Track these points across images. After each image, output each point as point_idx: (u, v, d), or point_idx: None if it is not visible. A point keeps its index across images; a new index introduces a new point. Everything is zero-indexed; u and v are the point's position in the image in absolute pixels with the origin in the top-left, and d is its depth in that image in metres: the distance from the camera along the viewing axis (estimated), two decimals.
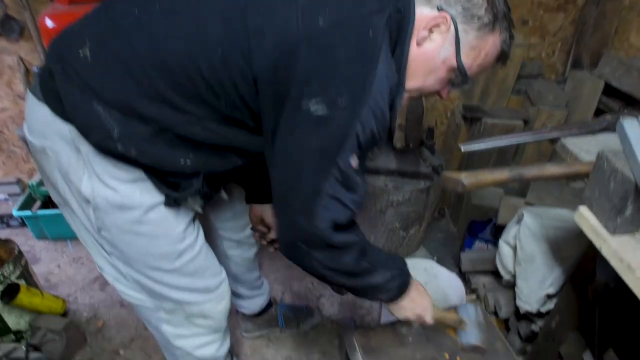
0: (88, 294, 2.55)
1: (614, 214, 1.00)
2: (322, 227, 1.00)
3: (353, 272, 1.12)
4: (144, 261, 1.21)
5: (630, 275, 0.95)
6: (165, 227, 1.18)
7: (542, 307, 1.81)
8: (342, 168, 0.96)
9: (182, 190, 1.14)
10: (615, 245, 1.00)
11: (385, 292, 1.25)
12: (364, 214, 2.59)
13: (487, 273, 2.33)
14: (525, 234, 1.80)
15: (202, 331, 1.42)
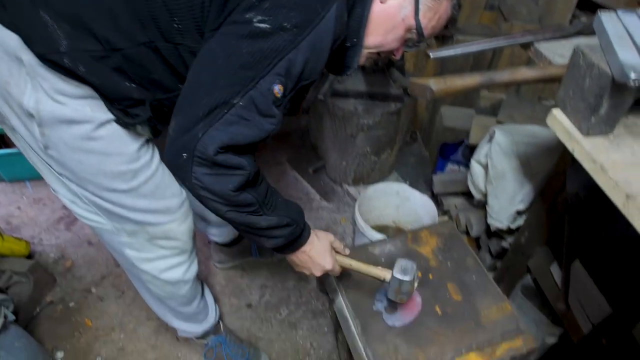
0: (53, 235, 2.48)
1: (588, 113, 0.96)
2: (215, 138, 0.94)
3: (231, 201, 1.03)
4: (98, 182, 1.15)
5: (602, 176, 0.93)
6: (118, 144, 1.12)
7: (512, 223, 1.82)
8: (262, 90, 0.93)
9: (131, 117, 1.09)
10: (589, 146, 0.97)
11: (269, 239, 1.18)
12: (335, 139, 2.54)
13: (459, 194, 2.34)
14: (496, 151, 1.78)
15: (168, 253, 1.39)
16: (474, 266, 1.56)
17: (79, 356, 1.98)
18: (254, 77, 0.92)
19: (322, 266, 1.30)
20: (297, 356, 2.00)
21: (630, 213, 0.87)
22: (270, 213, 1.12)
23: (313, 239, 1.28)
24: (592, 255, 1.48)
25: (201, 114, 0.94)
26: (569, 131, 1.02)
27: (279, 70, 0.93)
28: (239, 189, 1.02)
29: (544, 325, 1.75)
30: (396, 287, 1.31)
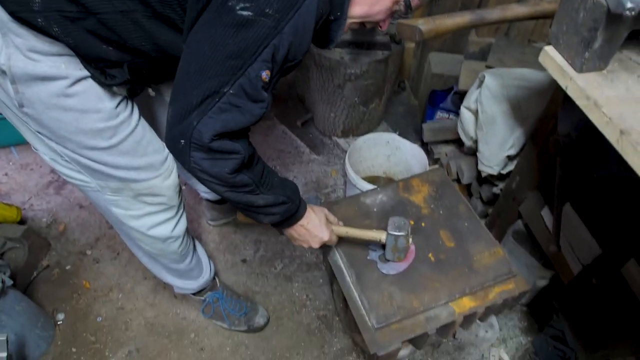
0: (44, 200, 2.45)
1: (582, 48, 0.94)
2: (208, 126, 0.96)
3: (228, 182, 1.07)
4: (77, 140, 1.14)
5: (596, 112, 0.92)
6: (94, 101, 1.10)
7: (503, 169, 1.82)
8: (250, 78, 0.94)
9: (108, 78, 1.08)
10: (582, 83, 0.96)
11: (266, 215, 1.22)
12: (322, 91, 2.49)
13: (449, 142, 2.33)
14: (486, 96, 1.76)
15: (154, 209, 1.39)
16: (466, 213, 1.57)
17: (80, 317, 2.00)
18: (241, 66, 0.93)
19: (320, 237, 1.34)
20: (294, 308, 2.04)
21: (624, 149, 0.86)
22: (267, 192, 1.15)
23: (309, 213, 1.32)
24: (582, 198, 1.49)
25: (194, 103, 0.95)
26: (562, 68, 1.00)
27: (265, 57, 0.93)
28: (235, 171, 1.05)
29: (535, 268, 1.79)
30: (392, 244, 1.35)
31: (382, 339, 1.30)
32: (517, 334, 1.95)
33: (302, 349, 1.91)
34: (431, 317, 1.34)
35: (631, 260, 1.20)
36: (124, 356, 1.89)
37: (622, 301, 1.21)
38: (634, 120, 0.88)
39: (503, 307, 1.44)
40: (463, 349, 1.90)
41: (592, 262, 1.40)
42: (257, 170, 1.12)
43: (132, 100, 1.24)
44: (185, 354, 1.89)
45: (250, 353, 1.90)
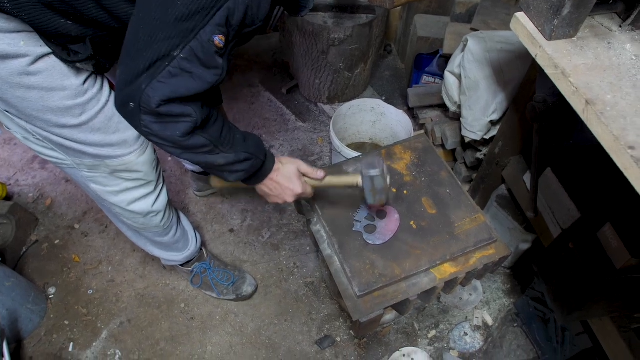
0: (29, 175, 2.44)
1: (551, 14, 0.92)
2: (158, 90, 0.91)
3: (182, 145, 1.03)
4: (46, 118, 1.12)
5: (564, 82, 0.91)
6: (59, 78, 1.08)
7: (486, 134, 1.82)
8: (202, 42, 0.89)
9: (71, 54, 1.05)
10: (551, 51, 0.94)
11: (231, 173, 1.17)
12: (306, 56, 2.45)
13: (435, 107, 2.32)
14: (469, 61, 1.73)
15: (132, 185, 1.39)
16: (448, 179, 1.58)
17: (71, 290, 2.03)
18: (192, 29, 0.88)
19: (292, 190, 1.27)
20: (281, 275, 2.07)
21: (589, 119, 0.86)
22: (227, 150, 1.10)
23: (278, 166, 1.26)
24: (562, 163, 1.50)
25: (142, 67, 0.90)
26: (533, 35, 0.98)
27: (218, 21, 0.88)
28: (187, 134, 1.00)
29: (518, 232, 1.81)
30: (370, 186, 1.30)
31: (365, 306, 1.32)
32: (500, 297, 2.00)
33: (290, 316, 1.95)
34: (412, 283, 1.36)
35: (607, 224, 1.21)
36: (116, 327, 1.92)
37: (597, 264, 1.23)
38: (600, 90, 0.88)
39: (484, 272, 1.46)
40: (447, 312, 1.94)
41: (571, 226, 1.41)
42: (214, 130, 1.06)
43: (102, 76, 1.21)
44: (176, 324, 1.93)
45: (240, 321, 1.94)
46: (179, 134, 0.99)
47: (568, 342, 1.63)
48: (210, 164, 1.11)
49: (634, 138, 0.84)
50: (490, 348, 1.87)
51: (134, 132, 1.29)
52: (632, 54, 1.00)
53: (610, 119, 0.85)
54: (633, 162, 0.81)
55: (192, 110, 0.97)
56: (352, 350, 1.86)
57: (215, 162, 1.10)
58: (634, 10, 0.99)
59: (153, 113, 0.94)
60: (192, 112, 0.97)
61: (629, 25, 1.04)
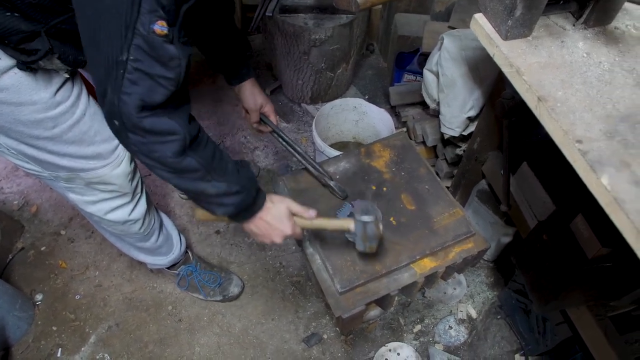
0: (14, 182, 2.44)
1: (505, 15, 0.95)
2: (128, 103, 0.85)
3: (174, 167, 0.97)
4: (18, 130, 1.11)
5: (518, 79, 0.94)
6: (28, 93, 1.06)
7: (464, 130, 1.84)
8: (143, 35, 0.81)
9: (31, 54, 1.01)
10: (506, 50, 0.97)
11: (219, 206, 1.10)
12: (288, 57, 2.47)
13: (416, 105, 2.34)
14: (445, 59, 1.76)
15: (108, 196, 1.39)
16: (427, 175, 1.60)
17: (58, 296, 2.03)
18: (127, 25, 0.79)
19: (282, 231, 1.21)
20: (268, 275, 2.09)
21: (541, 115, 0.90)
22: (219, 179, 1.04)
23: (268, 204, 1.20)
24: (537, 157, 1.53)
25: (102, 79, 0.86)
26: (490, 36, 1.01)
27: (148, 7, 0.79)
28: (179, 154, 0.95)
29: (499, 226, 1.84)
30: (362, 232, 1.24)
31: (347, 302, 1.34)
32: (484, 290, 2.03)
33: (276, 315, 1.97)
34: (393, 279, 1.38)
35: (579, 216, 1.24)
36: (104, 331, 1.93)
37: (570, 254, 1.26)
38: (552, 87, 0.91)
39: (464, 266, 1.49)
40: (432, 307, 1.97)
41: (547, 219, 1.44)
42: (206, 153, 1.01)
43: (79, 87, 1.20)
44: (164, 326, 1.94)
45: (227, 321, 1.95)
46: (169, 154, 0.94)
47: (549, 332, 1.67)
48: (200, 192, 1.05)
49: (581, 132, 0.88)
50: (475, 340, 1.90)
51: (109, 146, 1.28)
52: (583, 51, 1.04)
53: (560, 114, 0.89)
54: (580, 155, 0.84)
55: (177, 126, 0.92)
56: (338, 346, 1.88)
57: (206, 190, 1.04)
58: (586, 9, 1.03)
59: (138, 129, 0.89)
60: (177, 129, 0.92)
61: (581, 24, 1.08)
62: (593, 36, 1.08)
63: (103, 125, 1.24)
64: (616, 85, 0.97)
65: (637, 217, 0.76)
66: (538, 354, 1.79)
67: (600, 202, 0.83)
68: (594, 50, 1.05)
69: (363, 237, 1.24)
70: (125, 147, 0.97)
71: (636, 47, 1.07)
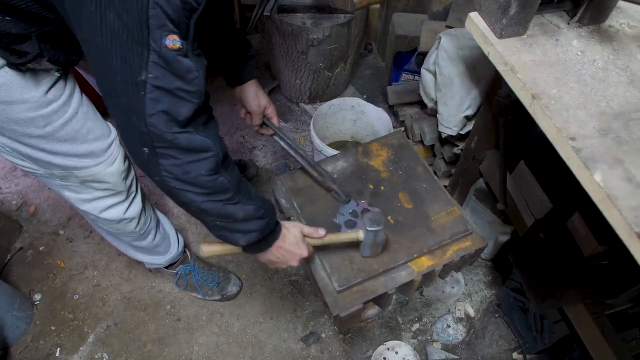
0: (12, 182, 2.44)
1: (500, 14, 0.96)
2: (156, 123, 0.85)
3: (208, 187, 0.96)
4: (11, 128, 1.12)
5: (512, 77, 0.95)
6: (19, 91, 1.06)
7: (462, 129, 1.85)
8: (158, 52, 0.80)
9: (20, 56, 1.01)
10: (501, 49, 0.98)
11: (244, 234, 1.10)
12: (286, 57, 2.48)
13: (414, 104, 2.35)
14: (442, 58, 1.77)
15: (102, 194, 1.40)
16: (424, 174, 1.60)
17: (57, 296, 2.03)
18: (141, 42, 0.79)
19: (299, 255, 1.24)
20: (266, 274, 2.09)
21: (535, 112, 0.90)
22: (246, 202, 1.05)
23: (284, 231, 1.22)
24: (534, 155, 1.53)
25: (125, 104, 0.85)
26: (485, 34, 1.02)
27: (156, 23, 0.78)
28: (214, 172, 0.95)
29: (497, 225, 1.85)
30: (372, 240, 1.30)
31: (344, 301, 1.35)
32: (481, 288, 2.03)
33: (275, 314, 1.97)
34: (391, 277, 1.39)
35: (575, 214, 1.25)
36: (103, 331, 1.93)
37: (567, 252, 1.27)
38: (546, 85, 0.92)
39: (461, 264, 1.49)
40: (430, 305, 1.97)
41: (544, 217, 1.45)
42: (234, 174, 1.02)
43: (71, 86, 1.20)
44: (163, 325, 1.95)
45: (226, 320, 1.96)
46: (204, 172, 0.93)
47: (546, 330, 1.67)
48: (229, 216, 1.04)
49: (575, 130, 0.88)
50: (473, 339, 1.90)
51: (102, 144, 1.28)
52: (577, 49, 1.04)
53: (554, 112, 0.90)
54: (574, 152, 0.85)
55: (211, 143, 0.93)
56: (337, 345, 1.88)
57: (235, 214, 1.04)
58: (580, 7, 1.04)
59: (172, 148, 0.89)
60: (211, 146, 0.93)
61: (575, 22, 1.09)
62: (587, 34, 1.09)
63: (96, 123, 1.26)
64: (610, 83, 0.98)
65: (629, 214, 0.76)
66: (536, 352, 1.80)
67: (593, 198, 0.84)
68: (588, 48, 1.06)
69: (372, 244, 1.32)
70: (152, 176, 0.95)
71: (630, 45, 1.07)
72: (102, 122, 1.30)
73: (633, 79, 1.00)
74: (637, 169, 0.84)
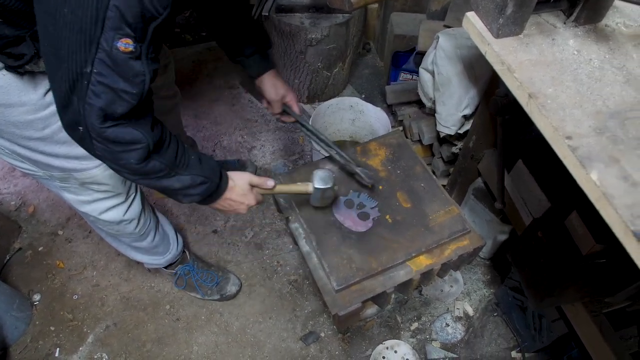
0: (11, 183, 2.44)
1: (496, 14, 0.96)
2: (92, 115, 0.87)
3: (139, 172, 1.00)
4: (10, 132, 1.12)
5: (509, 77, 0.95)
6: (17, 94, 1.07)
7: (460, 129, 1.85)
8: (107, 51, 0.81)
9: (17, 59, 1.01)
10: (498, 48, 0.99)
11: (184, 197, 1.14)
12: (284, 57, 2.48)
13: (412, 103, 2.35)
14: (441, 57, 1.77)
15: (102, 196, 1.40)
16: (423, 173, 1.61)
17: (56, 296, 2.04)
18: (91, 40, 0.80)
19: (245, 204, 1.29)
20: (265, 274, 2.09)
21: (532, 111, 0.91)
22: (183, 173, 1.08)
23: (231, 183, 1.25)
24: (532, 154, 1.54)
25: (66, 88, 0.86)
26: (482, 34, 1.02)
27: (112, 24, 0.79)
28: (143, 160, 0.98)
29: (495, 224, 1.85)
30: (319, 195, 1.39)
31: (343, 300, 1.35)
32: (480, 287, 2.04)
33: (274, 313, 1.97)
34: (389, 276, 1.39)
35: (573, 212, 1.25)
36: (102, 331, 1.94)
37: (565, 251, 1.27)
38: (542, 84, 0.92)
39: (460, 263, 1.49)
40: (429, 304, 1.98)
41: (542, 216, 1.45)
42: (169, 153, 1.04)
43: None
44: (162, 325, 1.95)
45: (225, 320, 1.96)
46: (133, 161, 0.96)
47: (545, 328, 1.68)
48: (166, 187, 1.08)
49: (571, 128, 0.89)
50: (472, 338, 1.91)
51: None
52: (574, 49, 1.05)
53: (550, 111, 0.90)
54: (570, 151, 0.85)
55: (141, 135, 0.94)
56: (336, 344, 1.89)
57: (171, 186, 1.08)
58: (577, 7, 1.04)
59: (102, 138, 0.91)
60: (141, 138, 0.94)
61: (572, 21, 1.09)
62: (584, 34, 1.09)
63: None
64: (606, 82, 0.98)
65: (625, 212, 0.77)
66: (534, 350, 1.80)
67: (590, 197, 0.84)
68: (585, 47, 1.06)
69: (321, 198, 1.41)
70: (89, 152, 0.97)
71: (626, 45, 1.08)
72: None
73: (629, 78, 1.01)
74: (632, 167, 0.84)
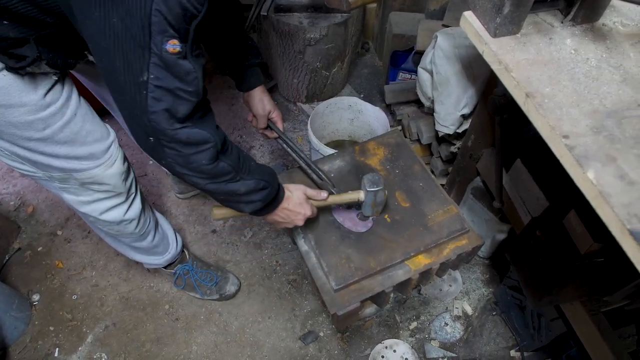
0: (10, 183, 2.45)
1: (494, 13, 0.96)
2: (157, 119, 0.91)
3: (209, 174, 1.04)
4: (10, 132, 1.12)
5: (506, 76, 0.96)
6: (17, 94, 1.06)
7: (459, 128, 1.86)
8: (159, 55, 0.85)
9: (19, 60, 1.02)
10: (495, 47, 0.99)
11: (247, 204, 1.18)
12: (283, 57, 2.48)
13: (411, 103, 2.36)
14: (439, 57, 1.77)
15: (102, 196, 1.40)
16: (421, 173, 1.61)
17: (55, 297, 2.04)
18: (142, 46, 0.83)
19: (303, 214, 1.33)
20: (264, 274, 2.09)
21: (529, 110, 0.91)
22: (247, 177, 1.12)
23: (288, 194, 1.30)
24: (530, 153, 1.54)
25: (129, 101, 0.90)
26: (479, 33, 1.02)
27: (157, 29, 0.82)
28: (213, 161, 1.02)
29: (494, 223, 1.85)
30: (372, 200, 1.38)
31: (341, 300, 1.35)
32: (479, 286, 2.04)
33: (273, 313, 1.97)
34: (388, 276, 1.39)
35: (571, 211, 1.25)
36: (101, 331, 1.94)
37: (563, 250, 1.27)
38: (540, 83, 0.92)
39: (458, 262, 1.50)
40: (428, 304, 1.98)
41: (540, 215, 1.45)
42: (233, 155, 1.08)
43: (69, 88, 1.20)
44: (161, 325, 1.95)
45: (224, 320, 1.96)
46: (205, 162, 1.01)
47: (544, 327, 1.68)
48: (232, 192, 1.12)
49: (568, 128, 0.89)
50: (471, 337, 1.91)
51: (101, 146, 1.29)
52: (571, 48, 1.05)
53: (547, 110, 0.90)
54: (567, 150, 0.85)
55: (209, 135, 0.99)
56: (335, 344, 1.89)
57: (237, 190, 1.11)
58: (574, 6, 1.04)
59: (175, 142, 0.95)
60: (209, 137, 0.99)
61: (569, 21, 1.10)
62: (581, 33, 1.10)
63: (94, 125, 1.26)
64: (603, 82, 0.98)
65: (622, 211, 0.77)
66: (533, 349, 1.80)
67: (586, 196, 0.84)
68: (582, 47, 1.06)
69: (373, 204, 1.40)
70: (159, 161, 1.02)
71: (623, 44, 1.08)
72: (101, 124, 1.31)
73: (626, 77, 1.01)
74: (629, 166, 0.84)
